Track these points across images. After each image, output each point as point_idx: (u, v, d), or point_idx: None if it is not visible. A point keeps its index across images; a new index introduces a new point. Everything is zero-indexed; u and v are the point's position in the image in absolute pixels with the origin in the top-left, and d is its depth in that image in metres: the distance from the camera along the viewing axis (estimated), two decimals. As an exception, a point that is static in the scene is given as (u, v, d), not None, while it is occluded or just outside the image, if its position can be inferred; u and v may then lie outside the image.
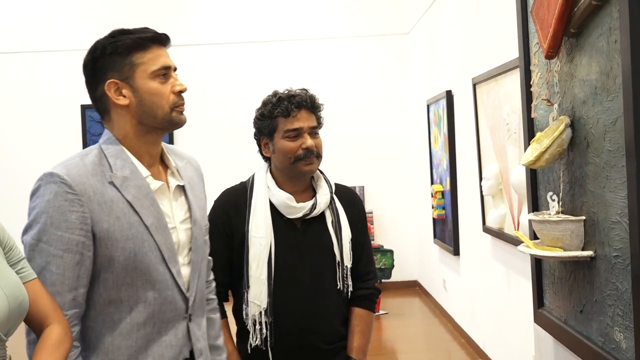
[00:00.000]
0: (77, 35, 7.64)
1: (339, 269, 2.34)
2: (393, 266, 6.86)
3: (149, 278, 1.77)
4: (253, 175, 2.43)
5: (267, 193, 2.36)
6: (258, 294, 2.29)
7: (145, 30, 1.83)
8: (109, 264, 1.74)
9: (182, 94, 1.86)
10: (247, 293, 2.31)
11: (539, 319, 2.51)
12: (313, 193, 2.38)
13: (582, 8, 1.94)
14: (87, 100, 1.93)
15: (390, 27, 7.97)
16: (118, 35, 1.81)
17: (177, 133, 7.65)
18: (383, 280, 7.09)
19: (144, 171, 1.82)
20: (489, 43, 4.72)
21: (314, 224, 2.35)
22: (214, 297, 2.16)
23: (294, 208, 2.32)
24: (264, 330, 2.28)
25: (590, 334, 2.06)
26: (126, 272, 1.75)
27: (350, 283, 2.35)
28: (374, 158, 7.95)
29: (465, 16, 5.39)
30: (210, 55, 7.90)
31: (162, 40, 1.85)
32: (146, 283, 1.77)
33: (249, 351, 2.30)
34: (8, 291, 1.44)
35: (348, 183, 8.27)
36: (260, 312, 2.28)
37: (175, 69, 1.87)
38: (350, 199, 2.45)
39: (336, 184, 2.45)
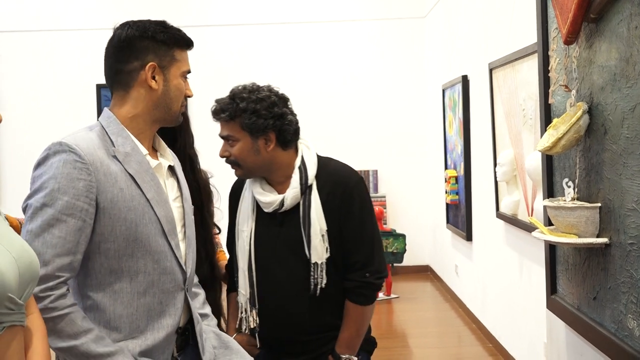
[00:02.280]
0: (95, 15, 7.65)
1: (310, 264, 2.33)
2: (405, 250, 6.86)
3: (149, 249, 1.85)
4: None
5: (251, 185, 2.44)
6: (243, 284, 2.40)
7: (182, 32, 1.96)
8: (110, 234, 1.80)
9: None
10: (237, 282, 2.43)
11: (552, 305, 2.50)
12: None
13: (603, -7, 1.92)
14: (103, 80, 1.99)
15: (406, 11, 7.92)
16: (169, 27, 1.93)
17: (193, 114, 7.66)
18: (395, 264, 7.10)
19: (143, 149, 1.91)
20: (506, 28, 4.69)
21: (289, 217, 2.36)
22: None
23: (264, 203, 2.36)
24: (249, 319, 2.39)
25: (603, 321, 2.05)
26: (127, 242, 1.82)
27: (323, 278, 2.30)
28: (388, 142, 7.94)
29: (483, 0, 5.35)
30: (226, 36, 7.89)
31: (191, 45, 1.98)
32: (146, 254, 1.84)
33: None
34: (15, 254, 1.46)
35: (361, 167, 8.31)
36: (246, 301, 2.39)
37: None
38: (333, 188, 2.35)
39: (327, 170, 2.39)
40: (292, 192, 2.32)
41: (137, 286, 1.84)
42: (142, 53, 1.89)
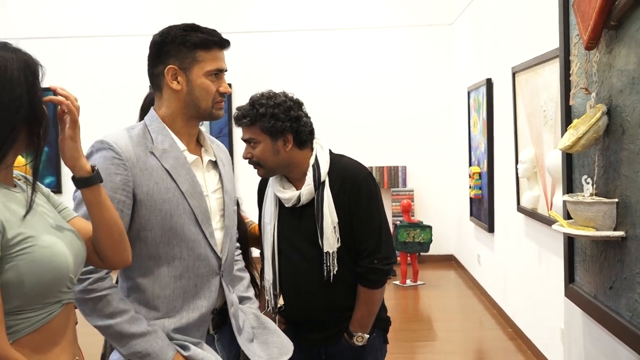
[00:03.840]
0: (146, 22, 7.73)
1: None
2: (431, 241, 6.83)
3: (183, 237, 1.86)
4: None
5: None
6: (268, 271, 2.45)
7: (213, 32, 1.93)
8: (147, 223, 1.83)
9: (225, 94, 1.96)
10: (264, 269, 2.48)
11: (570, 294, 2.47)
12: None
13: (622, 2, 1.89)
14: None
15: (435, 18, 7.88)
16: (190, 31, 1.90)
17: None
18: (422, 254, 7.08)
19: (181, 145, 1.92)
20: (529, 34, 4.63)
21: (306, 211, 2.39)
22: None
23: (284, 199, 2.41)
24: (272, 301, 2.44)
25: (618, 309, 2.03)
26: (163, 231, 1.84)
27: (335, 266, 2.33)
28: (416, 140, 7.91)
29: (507, 8, 5.29)
30: (265, 42, 7.92)
31: (223, 44, 1.95)
32: (181, 241, 1.86)
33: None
34: (68, 240, 1.52)
35: (391, 163, 8.28)
36: (269, 286, 2.44)
37: (225, 71, 1.97)
38: (343, 184, 2.36)
39: (338, 167, 2.40)
40: (307, 188, 2.36)
41: (173, 270, 1.86)
42: (164, 57, 1.89)
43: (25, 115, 1.42)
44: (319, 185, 2.35)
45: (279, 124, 2.30)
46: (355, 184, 2.35)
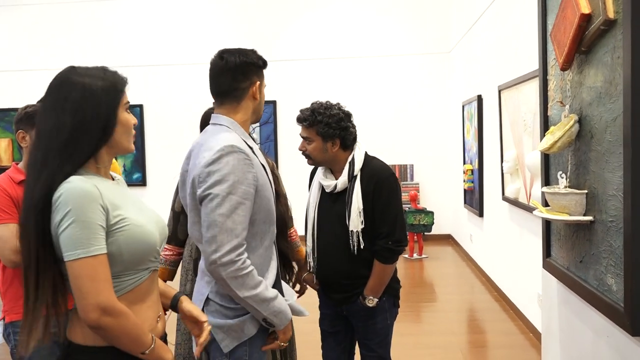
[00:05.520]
0: (208, 51, 7.77)
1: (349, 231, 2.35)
2: (433, 223, 6.77)
3: (272, 217, 1.85)
4: None
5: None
6: (309, 241, 2.47)
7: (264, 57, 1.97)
8: (258, 208, 1.77)
9: None
10: (307, 240, 2.50)
11: (547, 266, 2.41)
12: None
13: (592, 31, 1.82)
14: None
15: (437, 48, 7.79)
16: (260, 57, 1.93)
17: (282, 122, 7.72)
18: (425, 233, 7.00)
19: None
20: (511, 59, 4.55)
21: (340, 197, 2.38)
22: None
23: (325, 186, 2.41)
24: (312, 263, 2.46)
25: (587, 278, 1.97)
26: (265, 212, 1.80)
27: (357, 241, 2.32)
28: (422, 144, 7.84)
29: (494, 39, 5.20)
30: (299, 68, 7.90)
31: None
32: (272, 220, 1.85)
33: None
34: (155, 221, 1.53)
35: (402, 161, 8.22)
36: (310, 251, 2.47)
37: None
38: (370, 179, 2.33)
39: (369, 166, 2.37)
40: (342, 179, 2.36)
41: (265, 242, 1.83)
42: (250, 74, 1.86)
43: (104, 127, 1.42)
44: (351, 178, 2.35)
45: (331, 131, 2.32)
46: (379, 181, 2.33)
